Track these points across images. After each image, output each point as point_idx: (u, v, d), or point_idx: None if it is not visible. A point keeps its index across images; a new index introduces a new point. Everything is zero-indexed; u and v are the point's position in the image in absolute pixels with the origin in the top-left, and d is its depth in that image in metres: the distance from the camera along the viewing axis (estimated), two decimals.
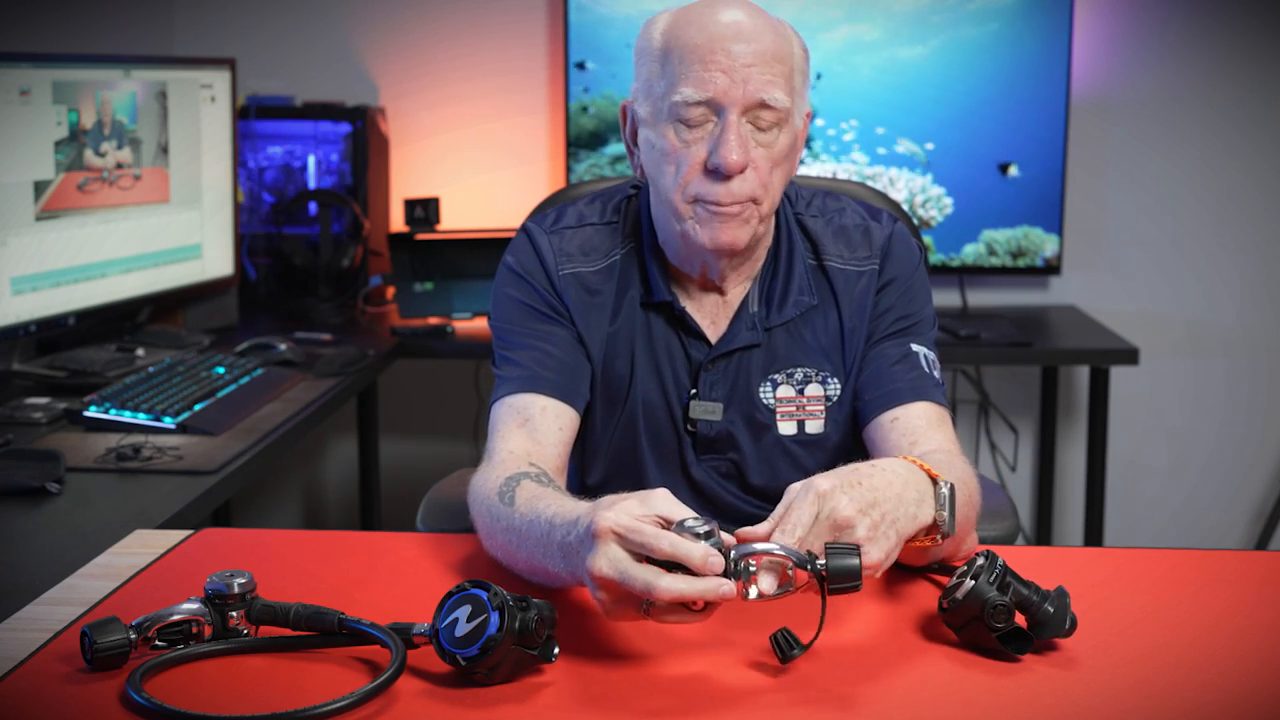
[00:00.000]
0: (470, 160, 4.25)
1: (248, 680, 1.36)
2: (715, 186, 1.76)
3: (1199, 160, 4.19)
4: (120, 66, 3.23)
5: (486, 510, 1.65)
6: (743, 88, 1.73)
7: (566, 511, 1.48)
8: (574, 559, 1.41)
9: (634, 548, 1.33)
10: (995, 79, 3.96)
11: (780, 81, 1.75)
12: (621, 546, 1.34)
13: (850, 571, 1.36)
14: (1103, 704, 1.32)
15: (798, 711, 1.30)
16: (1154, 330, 4.21)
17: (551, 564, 1.49)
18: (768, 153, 1.77)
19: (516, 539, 1.57)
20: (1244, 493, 4.32)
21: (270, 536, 1.87)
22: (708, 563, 1.30)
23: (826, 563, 1.36)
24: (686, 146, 1.77)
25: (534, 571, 1.56)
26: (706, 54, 1.74)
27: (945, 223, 4.03)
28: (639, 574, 1.31)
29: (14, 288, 2.89)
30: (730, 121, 1.74)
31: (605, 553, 1.34)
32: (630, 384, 1.94)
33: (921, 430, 1.85)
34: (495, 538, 1.63)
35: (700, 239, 1.80)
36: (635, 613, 1.35)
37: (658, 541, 1.32)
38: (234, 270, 3.68)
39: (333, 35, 4.23)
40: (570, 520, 1.45)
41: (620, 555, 1.33)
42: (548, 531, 1.50)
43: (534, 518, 1.54)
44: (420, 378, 4.32)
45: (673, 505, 1.38)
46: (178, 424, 2.58)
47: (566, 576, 1.47)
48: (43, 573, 1.73)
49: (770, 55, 1.75)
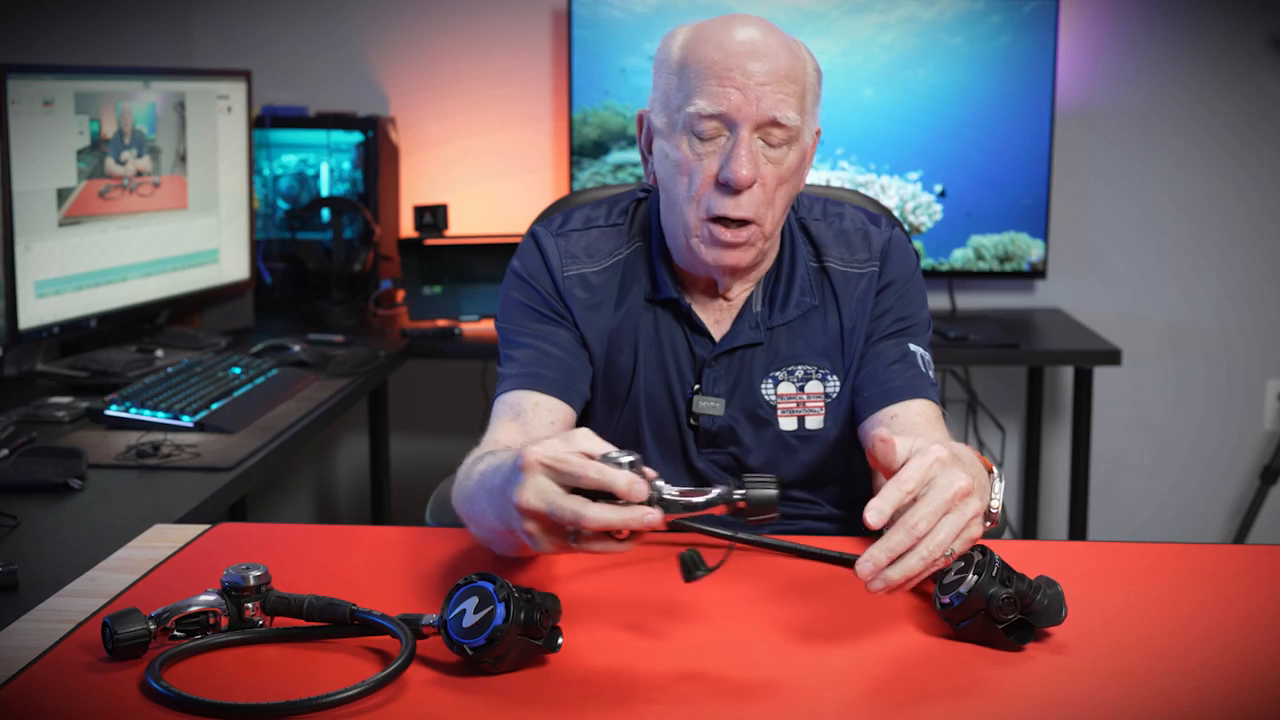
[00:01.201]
0: (477, 168, 4.25)
1: (263, 669, 1.35)
2: (725, 200, 1.77)
3: (1179, 168, 4.21)
4: (140, 78, 3.24)
5: (456, 487, 1.67)
6: (756, 105, 1.75)
7: (498, 460, 1.48)
8: (501, 500, 1.40)
9: (561, 479, 1.32)
10: (984, 91, 4.00)
11: (792, 101, 1.77)
12: (548, 478, 1.32)
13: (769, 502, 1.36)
14: (1088, 692, 1.32)
15: (797, 704, 1.30)
16: (1136, 332, 4.23)
17: (490, 516, 1.48)
18: (776, 169, 1.79)
19: (469, 503, 1.58)
20: (1222, 489, 4.35)
21: (284, 531, 1.86)
22: (632, 489, 1.30)
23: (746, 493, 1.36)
24: (699, 159, 1.78)
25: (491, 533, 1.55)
26: (722, 70, 1.75)
27: (935, 228, 4.05)
28: (566, 504, 1.30)
29: (38, 291, 2.91)
30: (742, 137, 1.75)
31: (533, 484, 1.32)
32: (634, 377, 1.95)
33: (919, 427, 1.86)
34: (459, 509, 1.64)
35: (705, 258, 1.83)
36: (563, 543, 1.34)
37: (584, 469, 1.31)
38: (250, 274, 3.68)
39: (345, 48, 4.24)
40: (498, 464, 1.45)
41: (548, 486, 1.32)
42: (486, 483, 1.50)
43: (477, 478, 1.55)
44: (429, 378, 4.32)
45: (595, 442, 1.36)
46: (196, 422, 2.57)
47: (500, 525, 1.45)
48: (65, 566, 1.72)
49: (783, 75, 1.76)
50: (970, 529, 1.42)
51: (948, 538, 1.39)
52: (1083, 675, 1.36)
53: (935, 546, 1.38)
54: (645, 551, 1.71)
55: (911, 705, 1.32)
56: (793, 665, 1.39)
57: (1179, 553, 1.75)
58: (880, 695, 1.34)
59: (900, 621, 1.50)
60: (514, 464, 1.36)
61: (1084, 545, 1.92)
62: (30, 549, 1.93)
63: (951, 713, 1.30)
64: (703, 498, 1.37)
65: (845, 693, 1.34)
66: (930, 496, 1.40)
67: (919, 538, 1.37)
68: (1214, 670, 1.38)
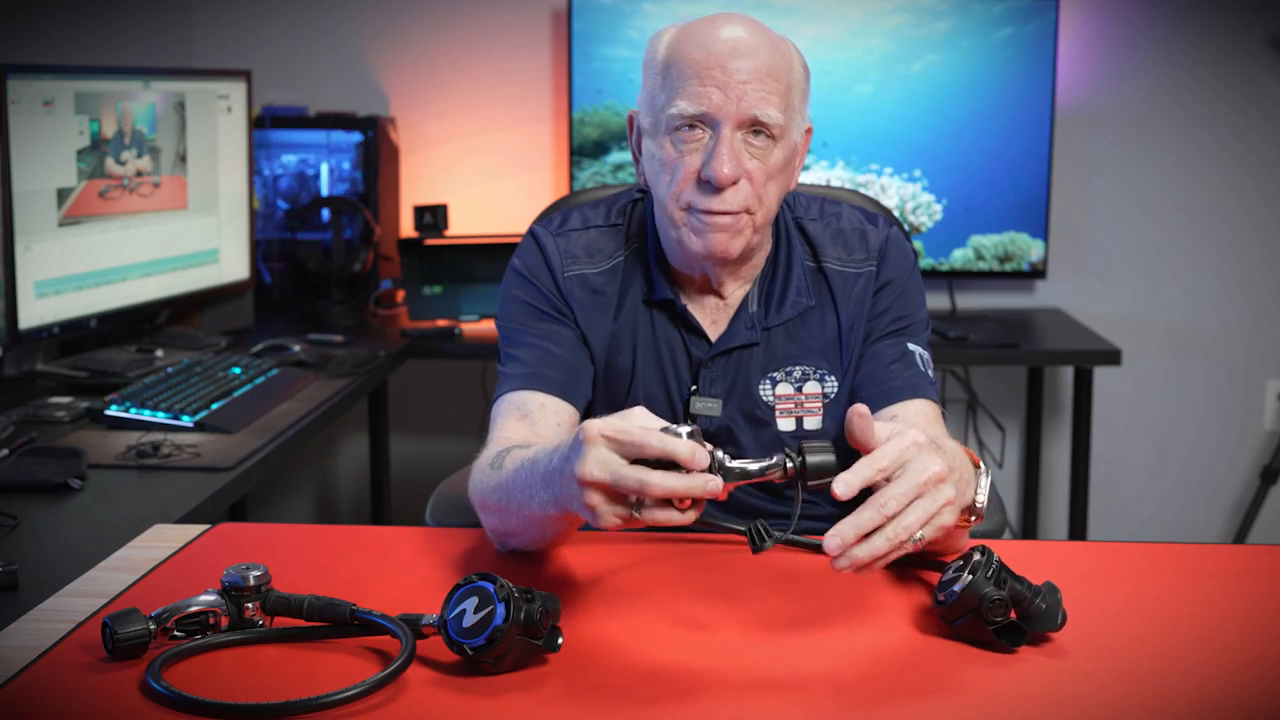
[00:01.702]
0: (477, 168, 4.25)
1: (263, 669, 1.36)
2: (708, 197, 1.78)
3: (1178, 168, 4.21)
4: (140, 78, 3.24)
5: (480, 480, 1.67)
6: (737, 104, 1.74)
7: (548, 446, 1.50)
8: (558, 480, 1.41)
9: (624, 450, 1.33)
10: (984, 91, 4.00)
11: (775, 99, 1.76)
12: (610, 449, 1.34)
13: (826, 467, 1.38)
14: (1088, 692, 1.32)
15: (796, 701, 1.31)
16: (1136, 332, 4.23)
17: (537, 501, 1.49)
18: (762, 165, 1.78)
19: (504, 494, 1.58)
20: (1222, 489, 4.35)
21: (284, 531, 1.86)
22: (695, 457, 1.31)
23: (804, 458, 1.38)
24: (681, 157, 1.78)
25: (525, 523, 1.57)
26: (704, 69, 1.75)
27: (935, 228, 4.06)
28: (630, 472, 1.31)
29: (38, 291, 2.91)
30: (723, 135, 1.75)
31: (596, 456, 1.33)
32: (632, 378, 1.95)
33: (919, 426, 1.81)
34: (487, 501, 1.64)
35: (694, 247, 1.82)
36: (625, 514, 1.35)
37: (646, 439, 1.32)
38: (250, 274, 3.68)
39: (345, 48, 4.24)
40: (552, 449, 1.46)
41: (611, 457, 1.33)
42: (531, 469, 1.51)
43: (519, 465, 1.55)
44: (429, 378, 4.32)
45: (651, 418, 1.38)
46: (195, 422, 2.57)
47: (551, 508, 1.46)
48: (65, 566, 1.72)
49: (766, 72, 1.76)
50: (942, 516, 1.41)
51: (916, 521, 1.38)
52: (1083, 675, 1.37)
53: (903, 529, 1.38)
54: (645, 552, 1.72)
55: (907, 703, 1.32)
56: (793, 663, 1.39)
57: (1179, 553, 1.76)
58: (880, 693, 1.34)
59: (901, 619, 1.50)
60: (574, 440, 1.37)
61: (1084, 545, 1.92)
62: (30, 549, 1.92)
63: (952, 713, 1.30)
64: (760, 464, 1.39)
65: (846, 692, 1.34)
66: (904, 479, 1.40)
67: (888, 517, 1.37)
68: (1214, 670, 1.38)
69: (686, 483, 1.32)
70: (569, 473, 1.37)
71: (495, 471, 1.63)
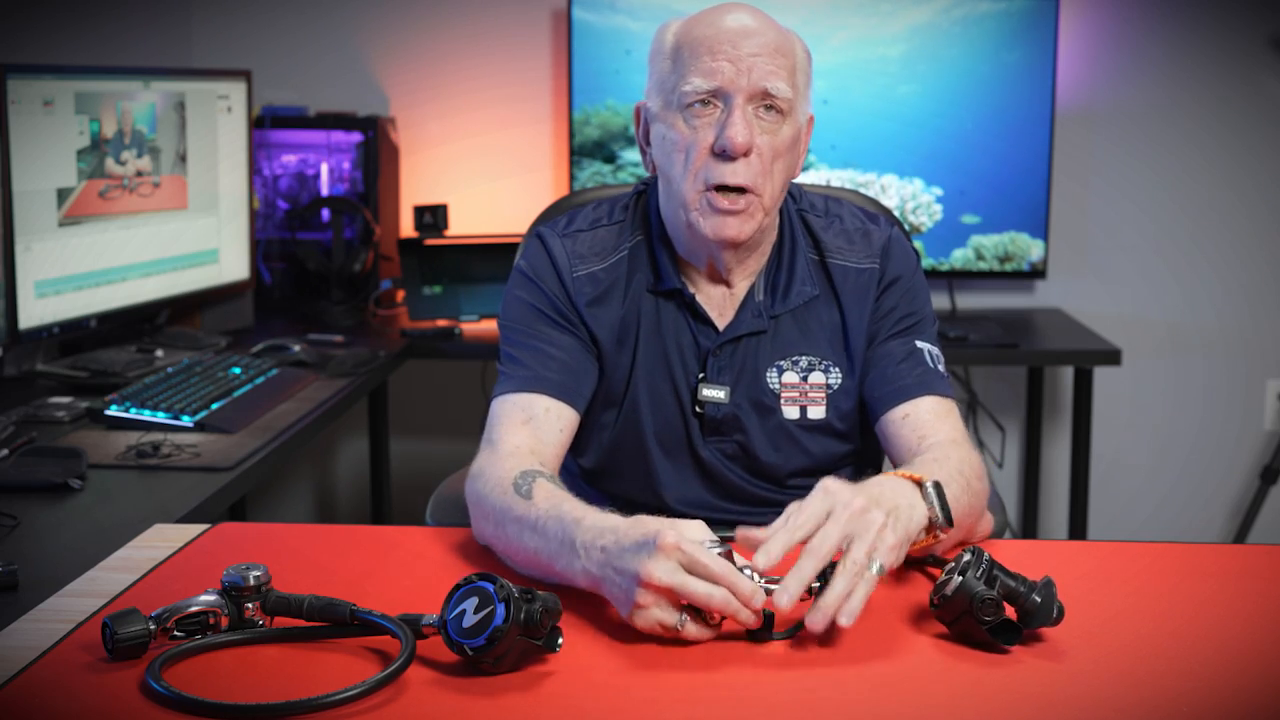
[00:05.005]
0: (477, 168, 4.26)
1: (263, 669, 1.36)
2: (723, 168, 1.81)
3: (1179, 168, 4.21)
4: (140, 78, 3.24)
5: (498, 498, 1.67)
6: (748, 76, 1.80)
7: (595, 518, 1.52)
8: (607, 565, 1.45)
9: (691, 568, 1.40)
10: (984, 91, 4.00)
11: (783, 74, 1.82)
12: (680, 561, 1.39)
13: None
14: (1089, 692, 1.33)
15: (794, 702, 1.31)
16: (1136, 332, 4.24)
17: (561, 561, 1.51)
18: (771, 140, 1.83)
19: (530, 532, 1.58)
20: (1222, 488, 4.35)
21: (284, 531, 1.85)
22: (754, 597, 1.40)
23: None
24: (695, 133, 1.82)
25: (533, 564, 1.58)
26: (714, 46, 1.81)
27: (935, 228, 4.06)
28: (698, 585, 1.39)
29: (38, 291, 2.91)
30: (736, 104, 1.80)
31: (665, 565, 1.39)
32: (633, 368, 1.97)
33: (930, 424, 1.90)
34: (504, 526, 1.64)
35: (705, 231, 1.85)
36: (665, 620, 1.41)
37: (715, 566, 1.39)
38: (249, 274, 3.69)
39: (345, 48, 4.24)
40: (604, 527, 1.49)
41: (677, 568, 1.39)
42: (561, 527, 1.53)
43: (556, 515, 1.56)
44: (429, 378, 4.33)
45: (706, 531, 1.45)
46: (195, 422, 2.57)
47: (581, 579, 1.49)
48: (65, 566, 1.72)
49: (773, 49, 1.82)
50: (883, 538, 1.47)
51: (861, 554, 1.45)
52: (1082, 675, 1.37)
53: (852, 564, 1.44)
54: None
55: (907, 704, 1.32)
56: (793, 664, 1.40)
57: (1179, 553, 1.76)
58: (880, 694, 1.34)
59: (901, 622, 1.51)
60: (643, 538, 1.43)
61: (1084, 545, 1.92)
62: (30, 549, 1.92)
63: (952, 713, 1.30)
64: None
65: (846, 693, 1.34)
66: (827, 526, 1.46)
67: (823, 560, 1.44)
68: (1214, 670, 1.39)
69: (735, 607, 1.40)
70: (630, 569, 1.42)
71: (522, 500, 1.64)
